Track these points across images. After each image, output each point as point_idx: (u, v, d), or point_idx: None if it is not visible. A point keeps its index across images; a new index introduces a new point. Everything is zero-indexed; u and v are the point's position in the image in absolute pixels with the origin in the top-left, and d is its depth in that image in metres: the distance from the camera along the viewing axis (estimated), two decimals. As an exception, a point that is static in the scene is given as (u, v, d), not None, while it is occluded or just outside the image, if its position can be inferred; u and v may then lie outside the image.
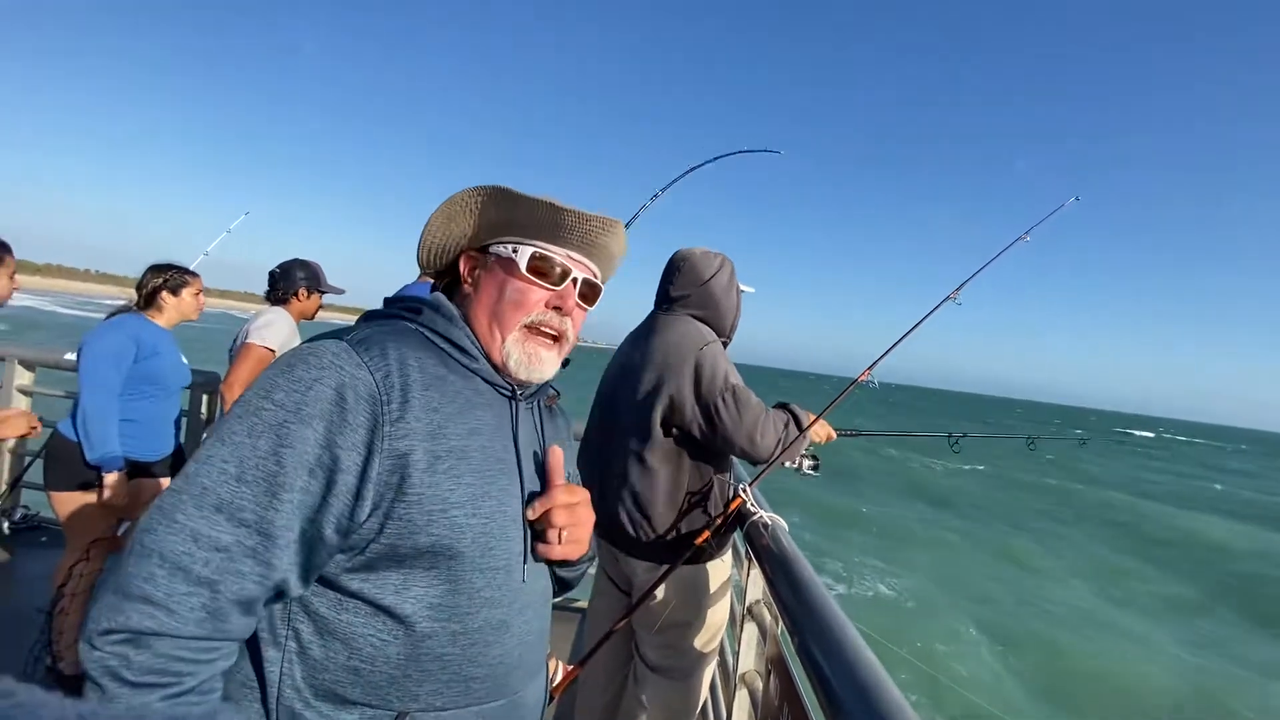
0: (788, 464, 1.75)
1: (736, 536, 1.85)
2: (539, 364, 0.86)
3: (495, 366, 0.85)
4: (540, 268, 0.85)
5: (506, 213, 0.85)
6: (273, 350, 2.36)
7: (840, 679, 0.88)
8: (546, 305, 0.86)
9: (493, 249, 0.87)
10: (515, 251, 0.85)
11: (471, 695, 0.76)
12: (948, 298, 1.74)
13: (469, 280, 0.89)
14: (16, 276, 2.16)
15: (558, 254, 0.86)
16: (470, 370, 0.83)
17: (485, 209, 0.86)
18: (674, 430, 1.67)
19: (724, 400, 1.62)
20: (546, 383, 0.91)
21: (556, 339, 0.88)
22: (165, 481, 2.49)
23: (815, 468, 1.91)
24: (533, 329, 0.85)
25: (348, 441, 0.67)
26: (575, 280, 0.87)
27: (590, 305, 0.92)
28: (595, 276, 0.92)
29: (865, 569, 10.96)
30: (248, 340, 2.33)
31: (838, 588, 9.86)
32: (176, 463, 2.58)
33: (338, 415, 0.67)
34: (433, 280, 0.96)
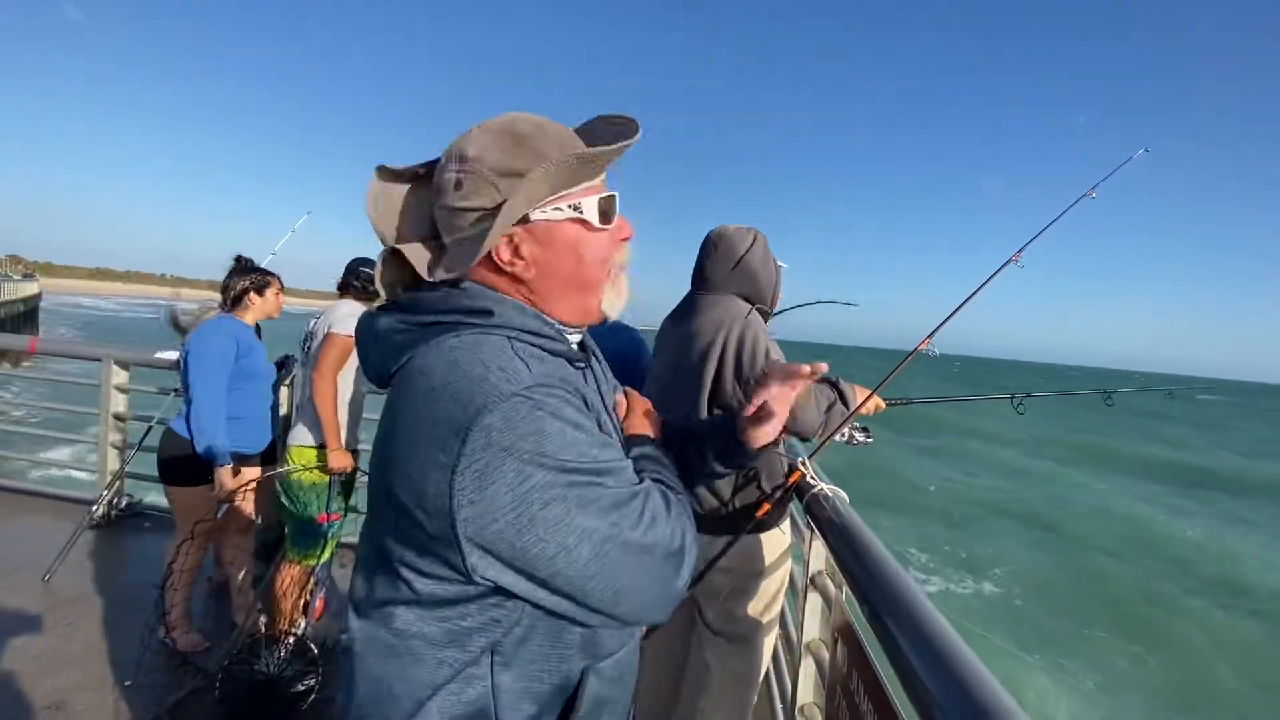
0: (837, 437, 1.75)
1: (794, 508, 1.87)
2: (620, 298, 0.81)
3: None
4: (607, 211, 0.76)
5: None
6: (350, 336, 2.49)
7: (913, 644, 0.89)
8: (622, 242, 0.80)
9: (536, 217, 0.72)
10: (579, 209, 0.74)
11: (627, 632, 0.79)
12: (1010, 260, 1.68)
13: (518, 261, 0.73)
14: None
15: (602, 188, 0.77)
16: (565, 359, 0.75)
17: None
18: (720, 408, 1.69)
19: None
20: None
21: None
22: (259, 470, 2.68)
23: (867, 436, 1.91)
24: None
25: None
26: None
27: None
28: None
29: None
30: (331, 330, 2.46)
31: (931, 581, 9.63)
32: (271, 452, 2.77)
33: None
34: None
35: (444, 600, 0.66)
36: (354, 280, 2.65)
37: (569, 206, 0.73)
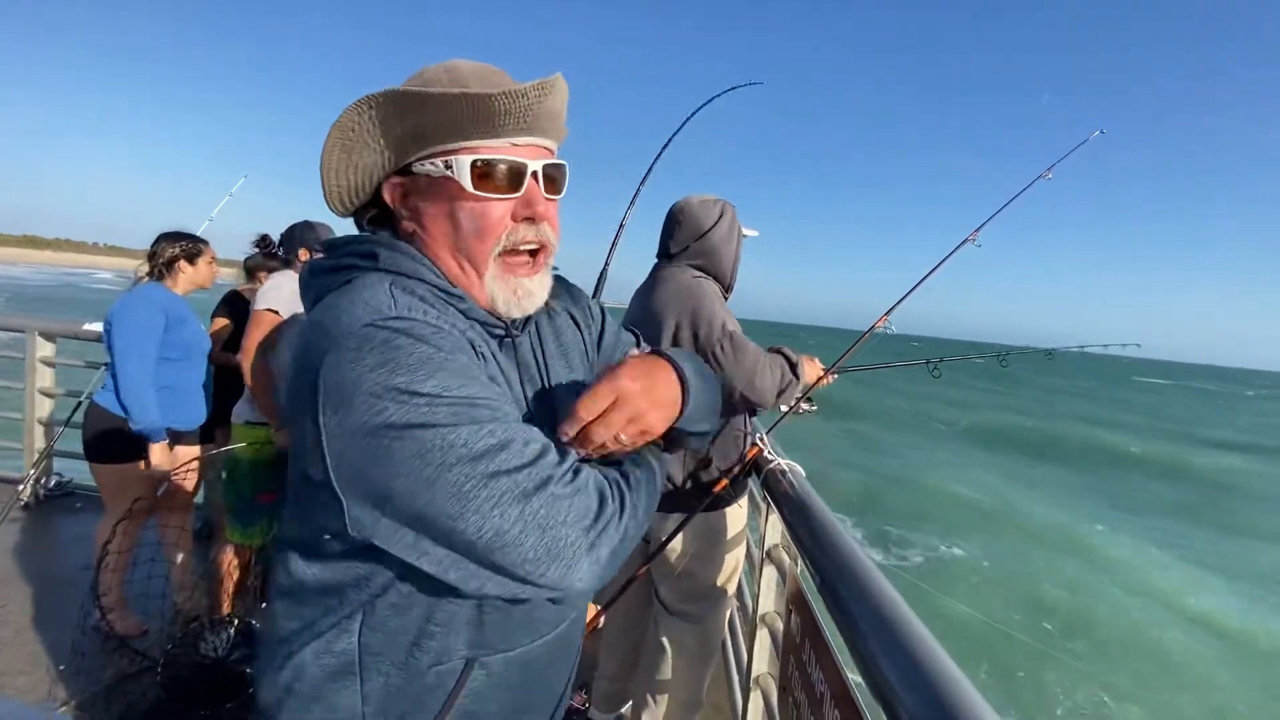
0: (783, 407, 1.77)
1: (752, 483, 1.88)
2: (529, 296, 0.73)
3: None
4: (489, 174, 0.67)
5: (416, 119, 0.66)
6: (278, 313, 2.34)
7: (862, 612, 0.90)
8: (514, 219, 0.70)
9: (416, 168, 0.69)
10: (450, 166, 0.67)
11: (536, 631, 0.73)
12: (966, 239, 1.71)
13: (406, 213, 0.71)
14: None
15: (500, 149, 0.68)
16: (460, 311, 0.69)
17: (387, 124, 0.67)
18: None
19: (721, 348, 1.64)
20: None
21: (537, 252, 0.73)
22: (198, 449, 2.55)
23: (811, 405, 1.94)
24: (508, 254, 0.71)
25: None
26: (535, 174, 0.70)
27: (559, 192, 0.74)
28: (552, 154, 0.74)
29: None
30: (256, 307, 2.33)
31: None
32: (207, 430, 2.64)
33: None
34: (357, 220, 0.77)
35: (328, 552, 0.64)
36: (281, 248, 2.53)
37: (442, 163, 0.67)
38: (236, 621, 2.25)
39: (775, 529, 1.62)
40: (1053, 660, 6.88)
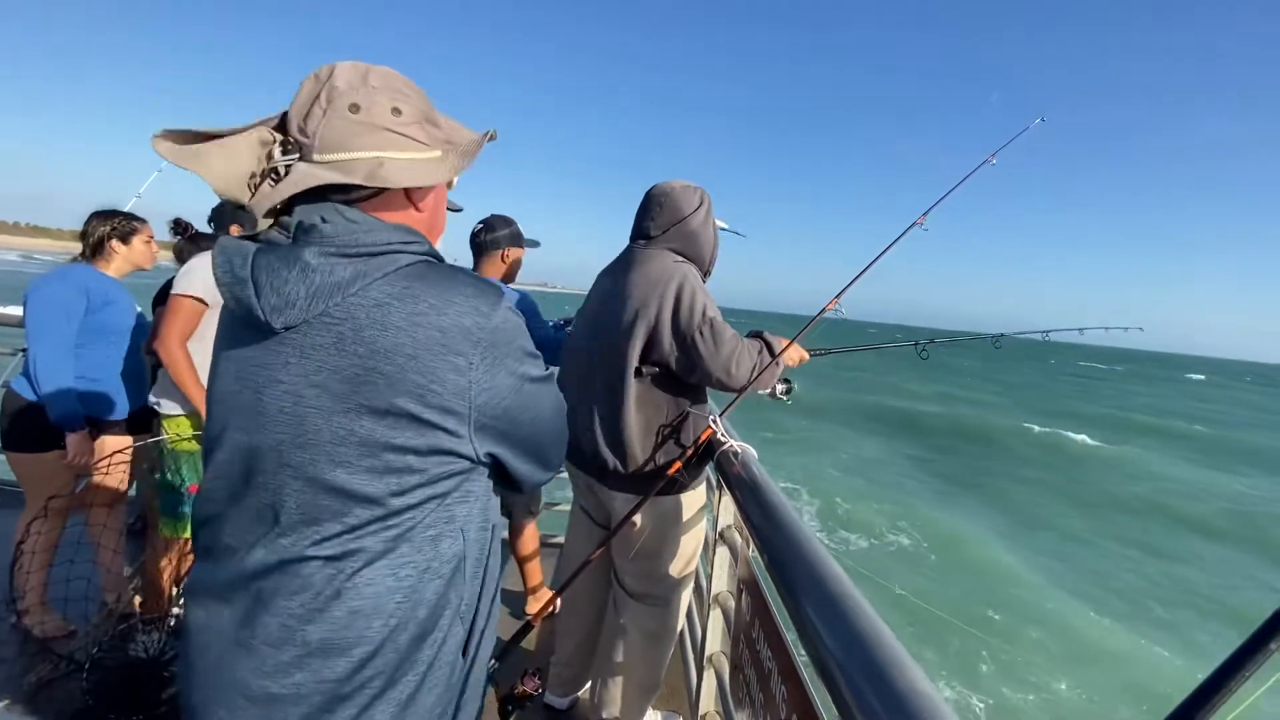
0: (762, 391, 1.77)
1: (709, 466, 1.89)
2: None
3: None
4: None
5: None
6: (197, 298, 2.18)
7: (807, 590, 0.91)
8: None
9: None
10: (451, 184, 0.87)
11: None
12: (914, 224, 1.74)
13: (425, 204, 0.83)
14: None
15: None
16: None
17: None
18: (652, 363, 1.67)
19: (701, 333, 1.63)
20: None
21: None
22: (128, 439, 2.40)
23: (788, 392, 1.95)
24: None
25: None
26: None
27: None
28: None
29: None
30: (174, 292, 2.17)
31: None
32: (143, 420, 2.48)
33: None
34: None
35: (415, 470, 0.73)
36: (228, 225, 2.38)
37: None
38: (173, 620, 2.15)
39: (728, 510, 1.63)
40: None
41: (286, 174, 0.72)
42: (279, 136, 0.74)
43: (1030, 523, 12.50)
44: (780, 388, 1.95)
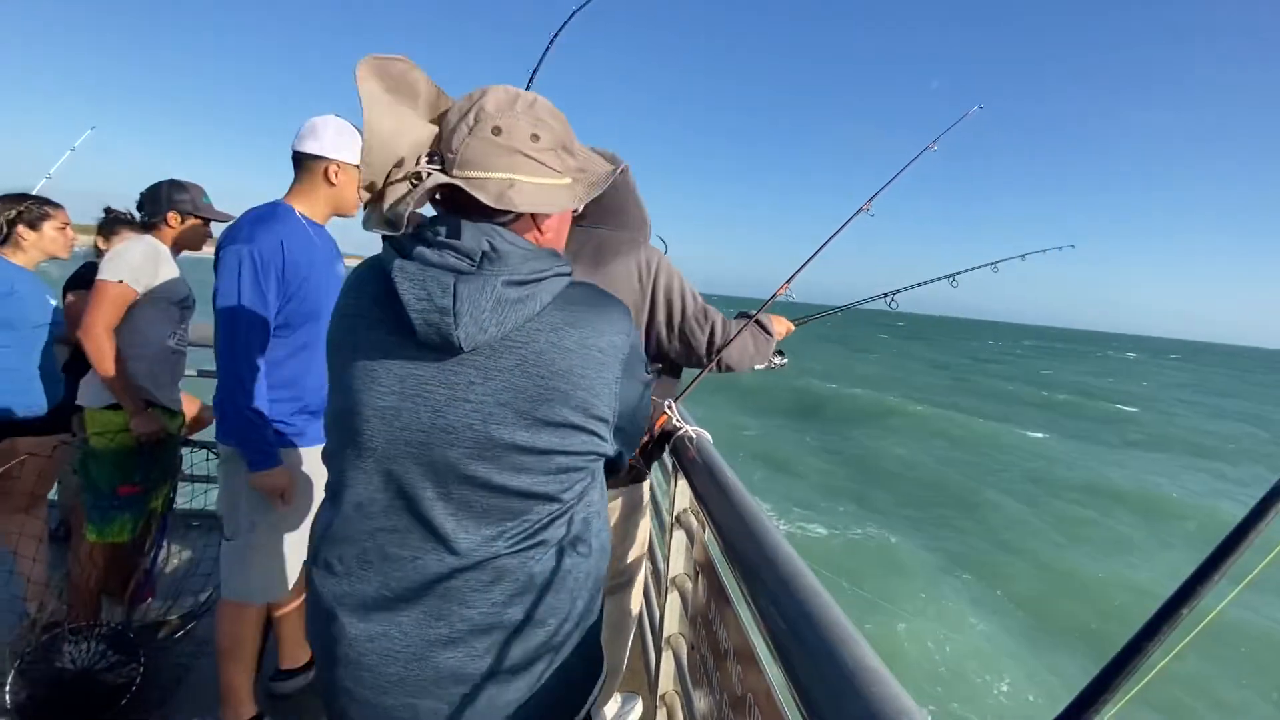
0: (758, 365, 1.82)
1: (665, 451, 1.90)
2: None
3: None
4: None
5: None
6: (123, 283, 2.04)
7: (761, 571, 0.93)
8: None
9: None
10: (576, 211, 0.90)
11: None
12: (860, 209, 1.78)
13: (543, 228, 0.87)
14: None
15: None
16: None
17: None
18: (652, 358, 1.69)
19: (701, 321, 1.66)
20: None
21: None
22: (43, 441, 2.24)
23: (783, 359, 1.98)
24: None
25: None
26: None
27: None
28: None
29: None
30: (100, 278, 2.03)
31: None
32: (62, 418, 2.31)
33: None
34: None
35: (576, 468, 0.86)
36: (142, 209, 2.23)
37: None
38: (102, 628, 2.03)
39: (684, 494, 1.65)
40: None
41: (426, 179, 0.77)
42: (431, 147, 0.81)
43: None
44: (778, 360, 2.00)
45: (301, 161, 1.79)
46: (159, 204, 2.25)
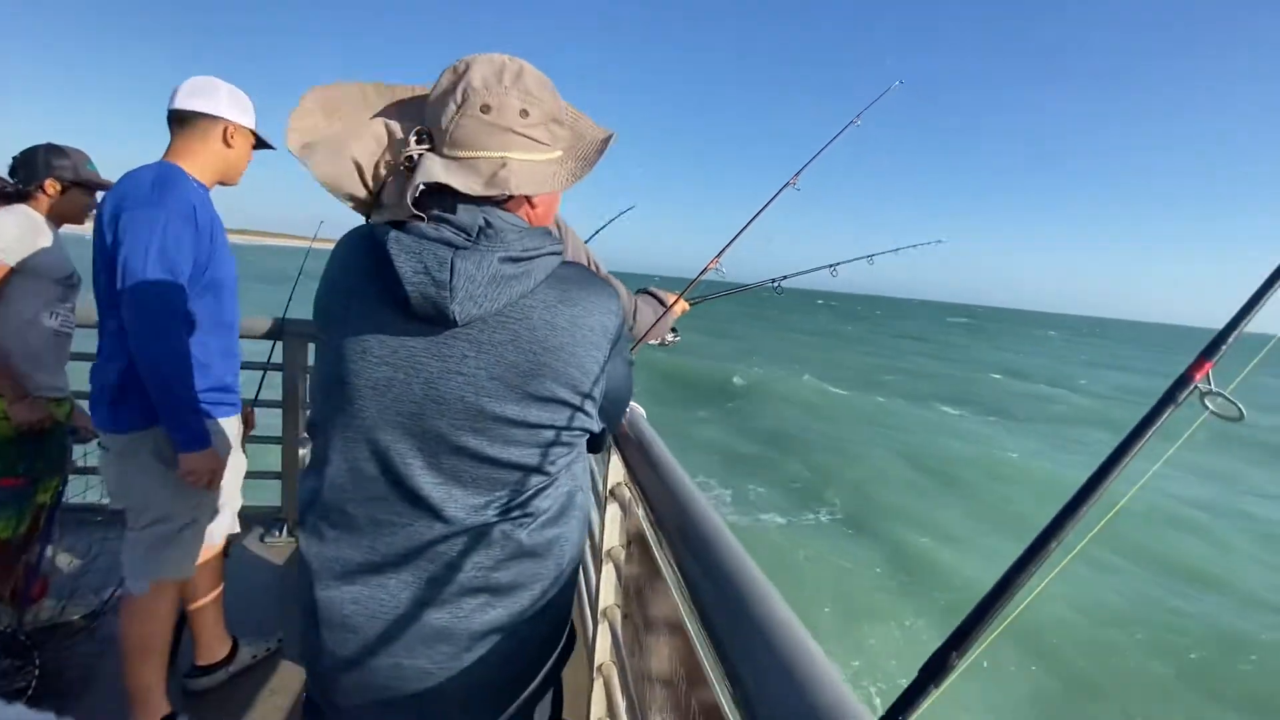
0: (653, 340, 1.81)
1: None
2: None
3: None
4: None
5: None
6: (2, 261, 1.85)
7: (690, 540, 0.94)
8: None
9: None
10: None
11: None
12: (787, 184, 1.80)
13: (535, 203, 0.88)
14: None
15: None
16: None
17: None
18: None
19: None
20: None
21: None
22: None
23: (676, 336, 2.00)
24: None
25: None
26: None
27: None
28: None
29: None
30: None
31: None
32: None
33: None
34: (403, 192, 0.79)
35: (563, 443, 0.88)
36: (15, 176, 2.00)
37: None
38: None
39: (617, 468, 1.66)
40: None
41: (419, 162, 0.78)
42: (411, 127, 0.81)
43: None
44: (670, 336, 2.02)
45: (189, 121, 1.64)
46: (34, 170, 2.02)
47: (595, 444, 1.03)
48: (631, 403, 1.65)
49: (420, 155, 0.79)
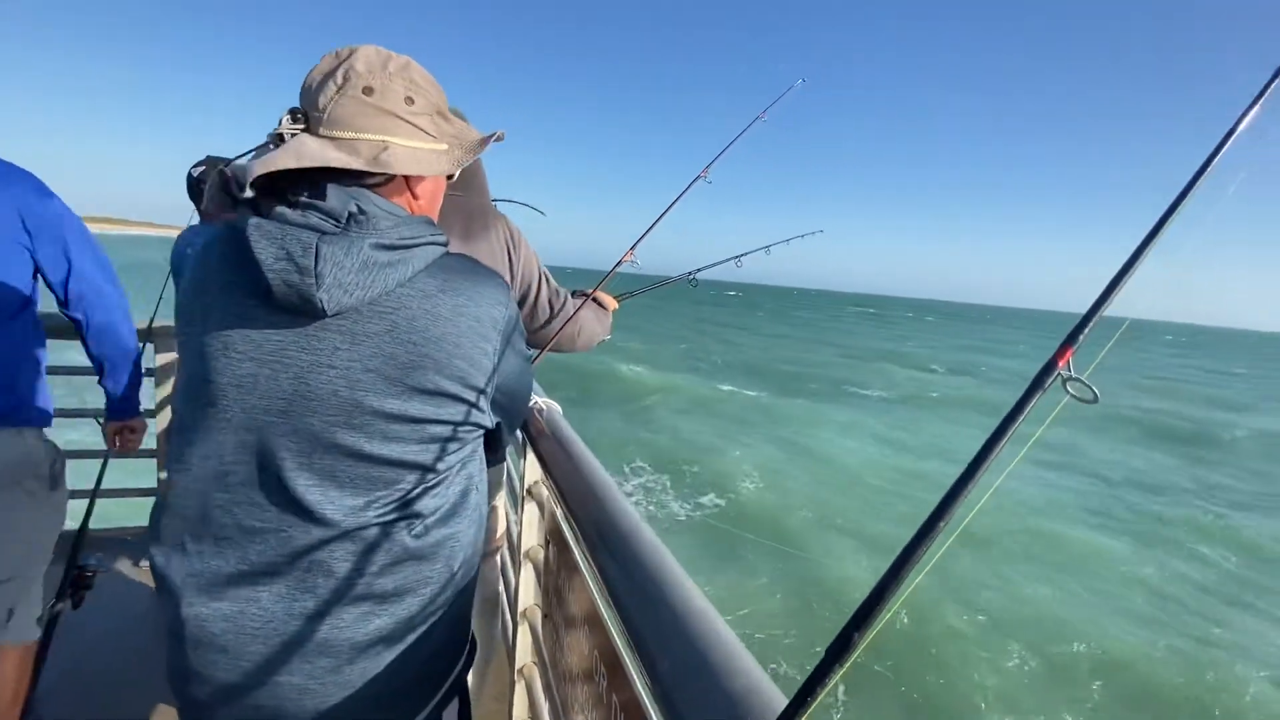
0: (595, 342, 1.81)
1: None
2: None
3: None
4: None
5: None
6: None
7: (606, 536, 0.94)
8: None
9: None
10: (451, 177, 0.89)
11: None
12: (698, 177, 1.83)
13: (418, 193, 0.86)
14: None
15: None
16: None
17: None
18: None
19: (555, 299, 1.64)
20: None
21: None
22: None
23: (608, 336, 1.99)
24: None
25: None
26: None
27: None
28: None
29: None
30: None
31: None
32: None
33: None
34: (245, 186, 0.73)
35: (454, 439, 0.85)
36: None
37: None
38: None
39: (534, 467, 1.63)
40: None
41: (290, 140, 0.74)
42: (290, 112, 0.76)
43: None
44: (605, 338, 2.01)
45: None
46: None
47: (493, 442, 1.00)
48: (549, 399, 1.63)
49: (293, 135, 0.75)
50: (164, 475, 2.85)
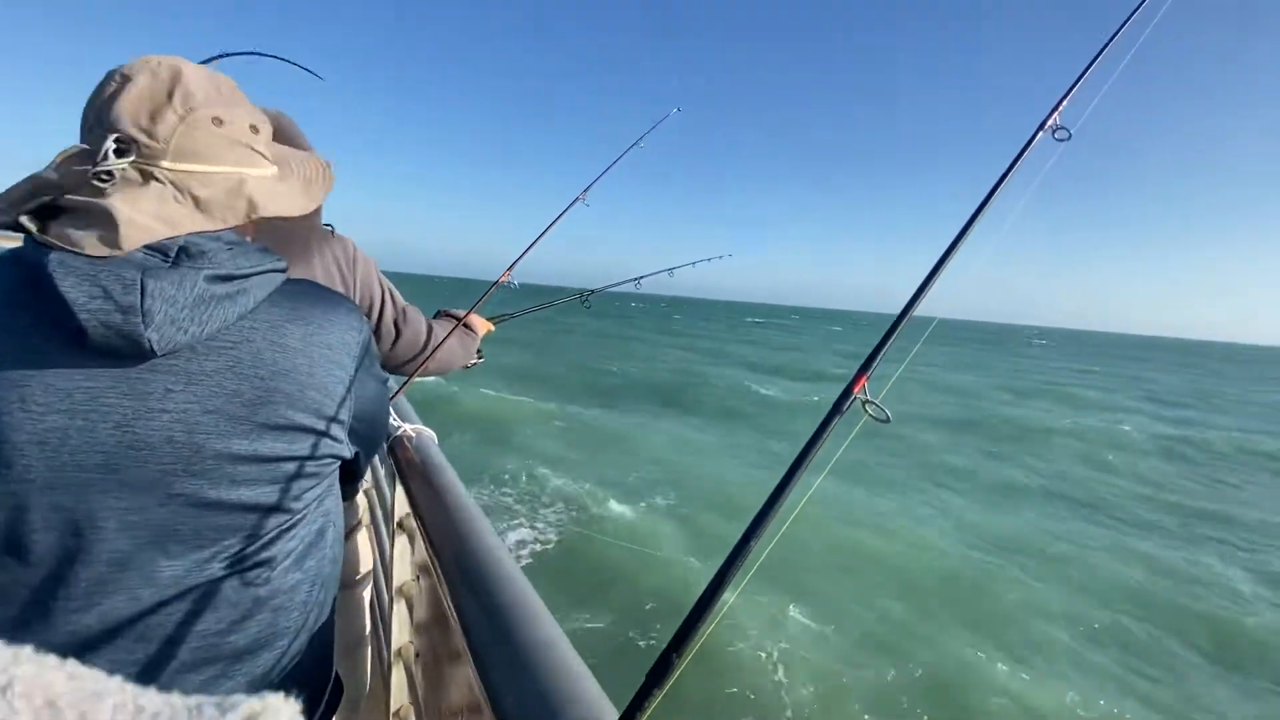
0: (457, 366, 1.76)
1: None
2: None
3: None
4: None
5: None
6: None
7: (465, 570, 0.92)
8: None
9: None
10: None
11: None
12: (576, 199, 1.85)
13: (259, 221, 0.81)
14: None
15: None
16: None
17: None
18: None
19: (403, 321, 1.54)
20: None
21: None
22: None
23: (480, 357, 1.94)
24: None
25: None
26: None
27: None
28: None
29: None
30: None
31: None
32: None
33: None
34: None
35: (307, 474, 0.79)
36: None
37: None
38: None
39: (403, 499, 1.55)
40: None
41: (122, 177, 0.66)
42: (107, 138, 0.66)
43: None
44: (474, 360, 1.96)
45: None
46: None
47: (351, 472, 0.95)
48: (422, 426, 1.56)
49: (124, 171, 0.66)
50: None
